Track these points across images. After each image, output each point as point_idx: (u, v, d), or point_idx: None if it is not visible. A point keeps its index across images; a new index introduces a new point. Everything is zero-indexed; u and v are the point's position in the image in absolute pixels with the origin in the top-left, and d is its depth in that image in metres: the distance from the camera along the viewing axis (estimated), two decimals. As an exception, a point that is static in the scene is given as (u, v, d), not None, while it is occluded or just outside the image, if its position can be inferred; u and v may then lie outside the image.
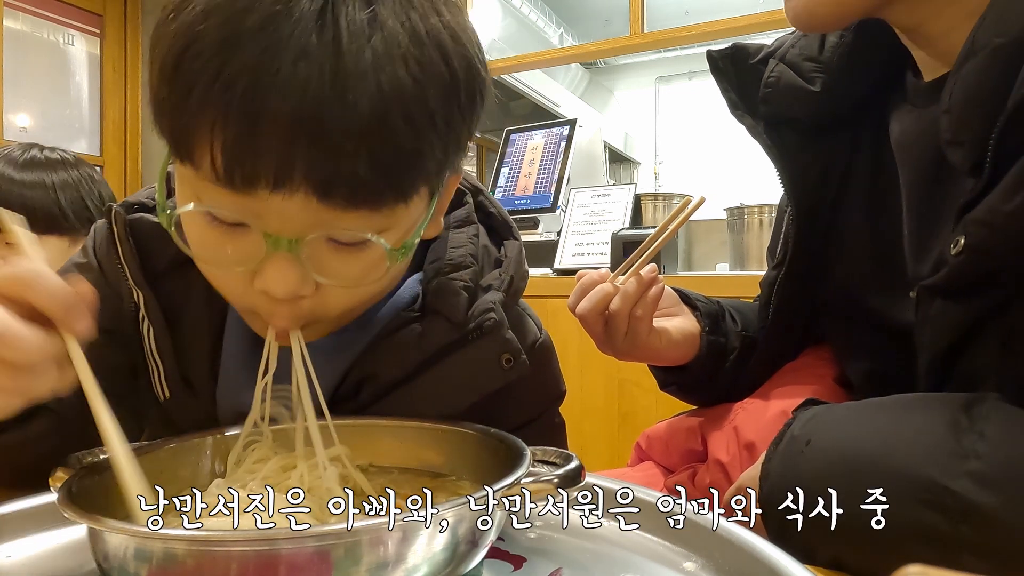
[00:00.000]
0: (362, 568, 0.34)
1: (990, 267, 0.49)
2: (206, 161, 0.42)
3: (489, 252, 0.64)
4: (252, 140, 0.40)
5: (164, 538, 0.34)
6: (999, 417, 0.44)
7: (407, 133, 0.42)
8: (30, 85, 3.11)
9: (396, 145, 0.42)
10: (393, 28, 0.42)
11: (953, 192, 0.54)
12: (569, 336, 1.82)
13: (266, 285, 0.45)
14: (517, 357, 0.59)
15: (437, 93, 0.43)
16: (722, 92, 0.72)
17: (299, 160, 0.41)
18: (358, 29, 0.40)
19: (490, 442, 0.49)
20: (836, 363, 0.74)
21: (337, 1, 0.41)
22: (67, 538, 0.46)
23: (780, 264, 0.72)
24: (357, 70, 0.40)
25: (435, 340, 0.58)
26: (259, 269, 0.45)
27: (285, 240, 0.44)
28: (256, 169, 0.41)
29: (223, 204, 0.44)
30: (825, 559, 0.46)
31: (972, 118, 0.48)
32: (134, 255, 0.58)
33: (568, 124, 2.49)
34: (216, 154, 0.41)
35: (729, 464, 0.66)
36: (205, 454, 0.51)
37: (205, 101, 0.40)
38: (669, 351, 0.72)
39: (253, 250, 0.44)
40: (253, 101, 0.39)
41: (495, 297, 0.60)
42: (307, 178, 0.41)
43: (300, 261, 0.44)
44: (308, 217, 0.43)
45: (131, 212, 0.60)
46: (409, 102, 0.42)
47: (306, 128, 0.40)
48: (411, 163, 0.44)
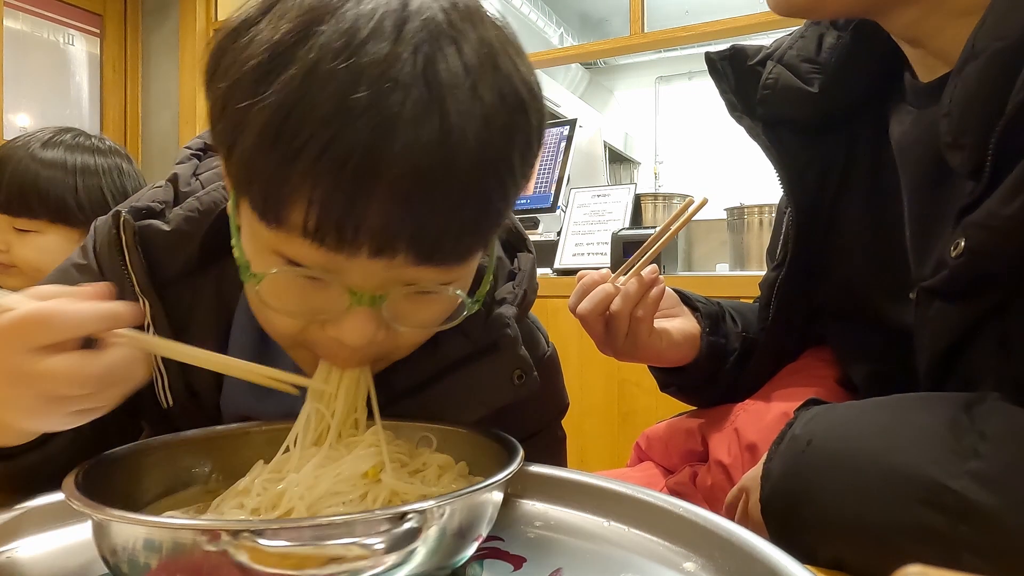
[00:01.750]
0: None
1: (989, 269, 0.49)
2: (298, 220, 0.41)
3: (503, 264, 0.64)
4: (358, 208, 0.40)
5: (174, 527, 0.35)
6: (999, 416, 0.44)
7: (499, 194, 0.44)
8: (30, 85, 3.11)
9: (490, 207, 0.44)
10: (489, 93, 0.42)
11: (953, 194, 0.54)
12: (569, 336, 1.82)
13: (342, 335, 0.46)
14: (529, 373, 0.59)
15: (520, 152, 0.45)
16: (720, 94, 0.72)
17: (406, 229, 0.41)
18: (458, 94, 0.41)
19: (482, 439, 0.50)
20: (837, 364, 0.74)
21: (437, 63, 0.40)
22: (70, 538, 0.46)
23: (780, 265, 0.72)
24: (463, 142, 0.40)
25: (450, 353, 0.58)
26: (335, 319, 0.46)
27: (368, 296, 0.44)
28: (359, 234, 0.41)
29: (309, 260, 0.44)
30: (825, 559, 0.46)
31: (972, 121, 0.48)
32: (142, 263, 0.57)
33: (568, 124, 2.48)
34: (312, 218, 0.41)
35: (731, 465, 0.66)
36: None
37: (311, 172, 0.40)
38: (670, 352, 0.72)
39: (334, 303, 0.45)
40: (364, 174, 0.39)
41: (510, 312, 0.60)
42: (410, 244, 0.42)
43: (380, 313, 0.45)
44: (396, 274, 0.44)
45: (140, 218, 0.59)
46: (501, 166, 0.43)
47: (414, 197, 0.40)
48: (498, 220, 0.46)
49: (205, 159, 0.65)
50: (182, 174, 0.62)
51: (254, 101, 0.40)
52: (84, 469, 0.42)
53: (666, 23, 2.65)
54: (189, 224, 0.58)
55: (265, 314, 0.51)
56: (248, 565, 0.33)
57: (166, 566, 0.35)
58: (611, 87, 6.81)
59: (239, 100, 0.41)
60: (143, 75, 3.37)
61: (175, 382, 0.59)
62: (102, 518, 0.36)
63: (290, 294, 0.46)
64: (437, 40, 0.41)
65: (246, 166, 0.42)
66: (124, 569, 0.37)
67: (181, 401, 0.60)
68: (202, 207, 0.58)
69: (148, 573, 0.35)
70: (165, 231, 0.58)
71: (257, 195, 0.43)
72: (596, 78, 6.56)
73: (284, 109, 0.39)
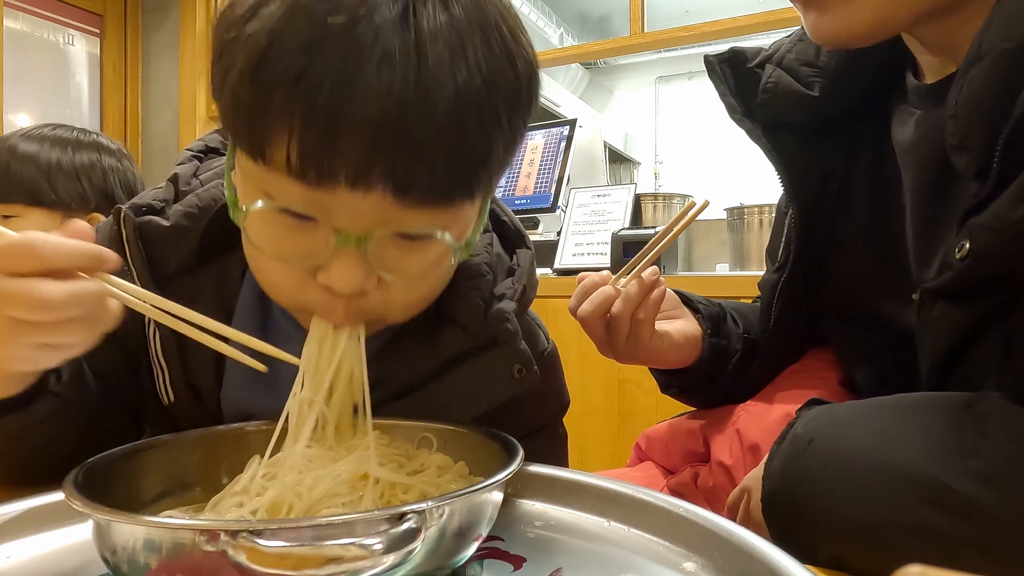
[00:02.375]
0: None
1: (995, 272, 0.49)
2: (281, 157, 0.42)
3: (502, 260, 0.64)
4: (333, 139, 0.41)
5: (174, 527, 0.35)
6: (1001, 415, 0.44)
7: (479, 134, 0.44)
8: (30, 85, 3.11)
9: (470, 146, 0.44)
10: (468, 33, 0.43)
11: (957, 196, 0.54)
12: (569, 336, 1.82)
13: (330, 280, 0.46)
14: (529, 367, 0.59)
15: (505, 96, 0.45)
16: (720, 96, 0.72)
17: (379, 159, 0.42)
18: (438, 34, 0.42)
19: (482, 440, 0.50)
20: (839, 365, 0.74)
21: (418, 5, 0.42)
22: (68, 539, 0.46)
23: (782, 267, 0.72)
24: (438, 74, 0.41)
25: (450, 348, 0.58)
26: (324, 265, 0.46)
27: (354, 236, 0.45)
28: (335, 166, 0.42)
29: (294, 198, 0.44)
30: (826, 558, 0.46)
31: (978, 123, 0.48)
32: (143, 258, 0.58)
33: (568, 124, 2.48)
34: (293, 151, 0.42)
35: (733, 466, 0.66)
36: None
37: (287, 100, 0.41)
38: (671, 354, 0.72)
39: (320, 245, 0.46)
40: (337, 103, 0.40)
41: (510, 307, 0.60)
42: (385, 177, 0.42)
43: (366, 257, 0.46)
44: (380, 214, 0.44)
45: (140, 215, 0.59)
46: (482, 105, 0.43)
47: (388, 129, 0.41)
48: (481, 163, 0.46)
49: (206, 161, 0.66)
50: (182, 174, 0.63)
51: (240, 34, 0.43)
52: (84, 469, 0.42)
53: (666, 23, 2.65)
54: (189, 220, 0.59)
55: (261, 269, 0.51)
56: (246, 565, 0.33)
57: (166, 566, 0.35)
58: (611, 87, 6.81)
59: (229, 35, 0.43)
60: (143, 75, 3.37)
61: (176, 378, 0.60)
62: (102, 518, 0.36)
63: (277, 234, 0.47)
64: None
65: (233, 100, 0.44)
66: (124, 569, 0.37)
67: (182, 397, 0.60)
68: (201, 204, 0.59)
69: (148, 573, 0.35)
70: (164, 226, 0.58)
71: (243, 130, 0.44)
72: (596, 78, 6.56)
73: (265, 40, 0.41)
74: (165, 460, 0.50)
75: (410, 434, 0.53)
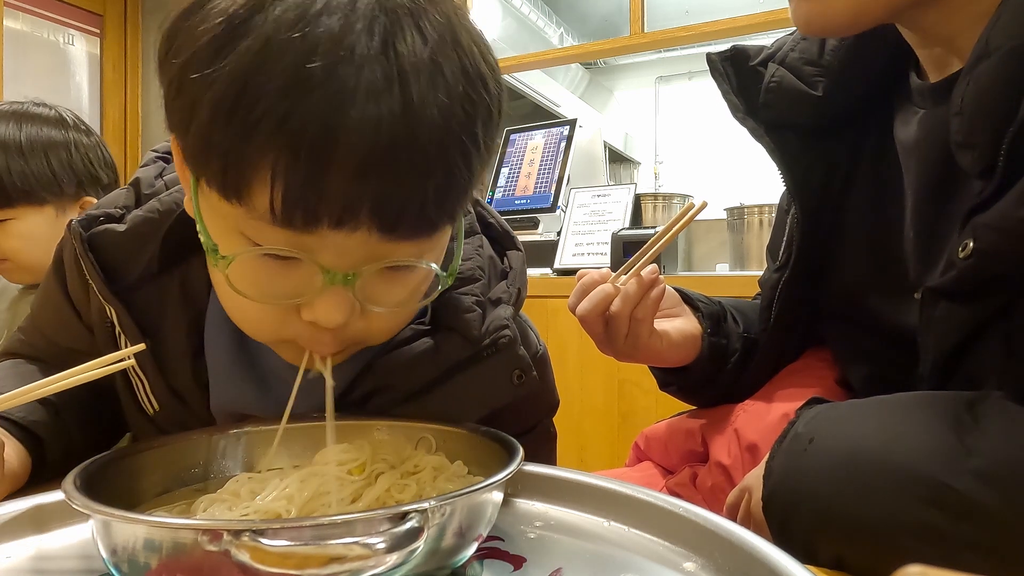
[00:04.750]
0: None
1: (998, 271, 0.49)
2: (263, 202, 0.41)
3: (495, 264, 0.64)
4: (319, 183, 0.40)
5: (174, 527, 0.35)
6: (1002, 415, 0.44)
7: (462, 162, 0.44)
8: (30, 85, 3.11)
9: (454, 174, 0.43)
10: (445, 59, 0.42)
11: (960, 195, 0.54)
12: (569, 336, 1.82)
13: (317, 317, 0.45)
14: (528, 373, 0.59)
15: (482, 119, 0.45)
16: (723, 95, 0.72)
17: (366, 198, 0.41)
18: (419, 64, 0.41)
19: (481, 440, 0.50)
20: (836, 365, 0.74)
21: (396, 36, 0.41)
22: (68, 539, 0.46)
23: (783, 267, 0.71)
24: (423, 110, 0.40)
25: (450, 356, 0.58)
26: (309, 302, 0.46)
27: (341, 275, 0.44)
28: (319, 210, 0.41)
29: (277, 241, 0.43)
30: (827, 558, 0.46)
31: (984, 121, 0.47)
32: (97, 270, 0.57)
33: (568, 124, 2.49)
34: (277, 197, 0.40)
35: (731, 467, 0.66)
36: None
37: (270, 146, 0.40)
38: (670, 353, 0.72)
39: (307, 284, 0.45)
40: (322, 146, 0.39)
41: (507, 312, 0.60)
42: (372, 215, 0.42)
43: (353, 292, 0.45)
44: (367, 250, 0.44)
45: (97, 224, 0.58)
46: (463, 132, 0.43)
47: (374, 168, 0.40)
48: (464, 189, 0.45)
49: (172, 162, 0.65)
50: (144, 177, 0.62)
51: (209, 72, 0.40)
52: (84, 469, 0.42)
53: (666, 23, 2.65)
54: (147, 225, 0.58)
55: (238, 308, 0.50)
56: (250, 565, 0.33)
57: (166, 566, 0.35)
58: (611, 87, 6.80)
59: (195, 73, 0.41)
60: (143, 75, 3.37)
61: (156, 385, 0.59)
62: (102, 518, 0.36)
63: (260, 277, 0.46)
64: (395, 12, 0.41)
65: (203, 141, 0.42)
66: (124, 568, 0.37)
67: (167, 405, 0.60)
68: (162, 207, 0.58)
69: (148, 573, 0.35)
70: (119, 232, 0.57)
71: (216, 172, 0.42)
72: (596, 78, 6.55)
73: (239, 81, 0.39)
74: (165, 460, 0.50)
75: (409, 435, 0.53)
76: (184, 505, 0.47)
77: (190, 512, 0.45)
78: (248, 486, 0.45)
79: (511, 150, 2.58)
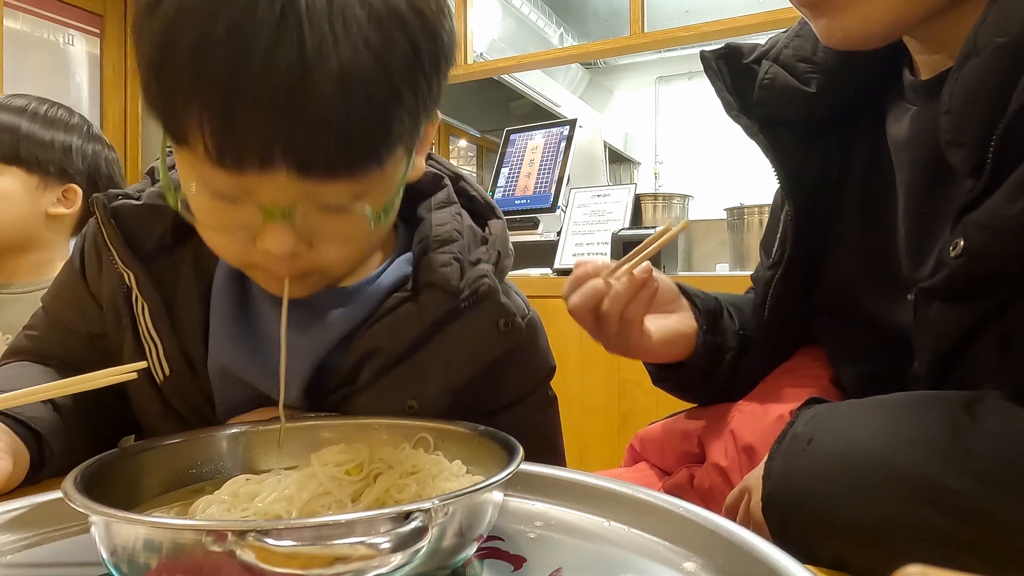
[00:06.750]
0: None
1: (990, 269, 0.49)
2: (200, 147, 0.46)
3: (475, 231, 0.67)
4: (234, 130, 0.45)
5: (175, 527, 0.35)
6: (1000, 416, 0.44)
7: (371, 109, 0.46)
8: (30, 85, 3.11)
9: (362, 121, 0.46)
10: (352, 11, 0.44)
11: (951, 193, 0.54)
12: (569, 336, 1.82)
13: (266, 247, 0.50)
14: (513, 320, 0.62)
15: (399, 67, 0.46)
16: (717, 93, 0.72)
17: (276, 143, 0.45)
18: (318, 18, 0.43)
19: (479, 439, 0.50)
20: (830, 364, 0.74)
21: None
22: (68, 539, 0.46)
23: (777, 264, 0.71)
24: (320, 59, 0.43)
25: (432, 311, 0.60)
26: (259, 233, 0.51)
27: (278, 210, 0.49)
28: (242, 154, 0.46)
29: (220, 182, 0.48)
30: (826, 558, 0.46)
31: (973, 119, 0.47)
32: (118, 235, 0.62)
33: (568, 124, 2.49)
34: (208, 142, 0.45)
35: (728, 468, 0.66)
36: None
37: (189, 98, 0.45)
38: (662, 350, 0.72)
39: (252, 218, 0.50)
40: (230, 98, 0.44)
41: (486, 267, 0.62)
42: (285, 158, 0.46)
43: (293, 225, 0.50)
44: (294, 190, 0.48)
45: (114, 201, 0.63)
46: (371, 81, 0.45)
47: (279, 116, 0.44)
48: (379, 135, 0.48)
49: None
50: (159, 167, 0.65)
51: (143, 25, 0.46)
52: (84, 469, 0.42)
53: (666, 23, 2.66)
54: (162, 199, 0.63)
55: (207, 235, 0.55)
56: (256, 565, 0.32)
57: (166, 566, 0.35)
58: (611, 87, 6.81)
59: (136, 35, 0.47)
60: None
61: (169, 349, 0.62)
62: (102, 518, 0.36)
63: (213, 211, 0.51)
64: None
65: (146, 95, 0.48)
66: (124, 569, 0.36)
67: (177, 370, 0.62)
68: (175, 184, 0.61)
69: (148, 573, 0.35)
70: (136, 205, 0.63)
71: (160, 121, 0.48)
72: (596, 78, 6.56)
73: (161, 40, 0.45)
74: (165, 460, 0.50)
75: (407, 434, 0.53)
76: (181, 506, 0.47)
77: (188, 513, 0.45)
78: (247, 487, 0.45)
79: (511, 150, 2.58)
